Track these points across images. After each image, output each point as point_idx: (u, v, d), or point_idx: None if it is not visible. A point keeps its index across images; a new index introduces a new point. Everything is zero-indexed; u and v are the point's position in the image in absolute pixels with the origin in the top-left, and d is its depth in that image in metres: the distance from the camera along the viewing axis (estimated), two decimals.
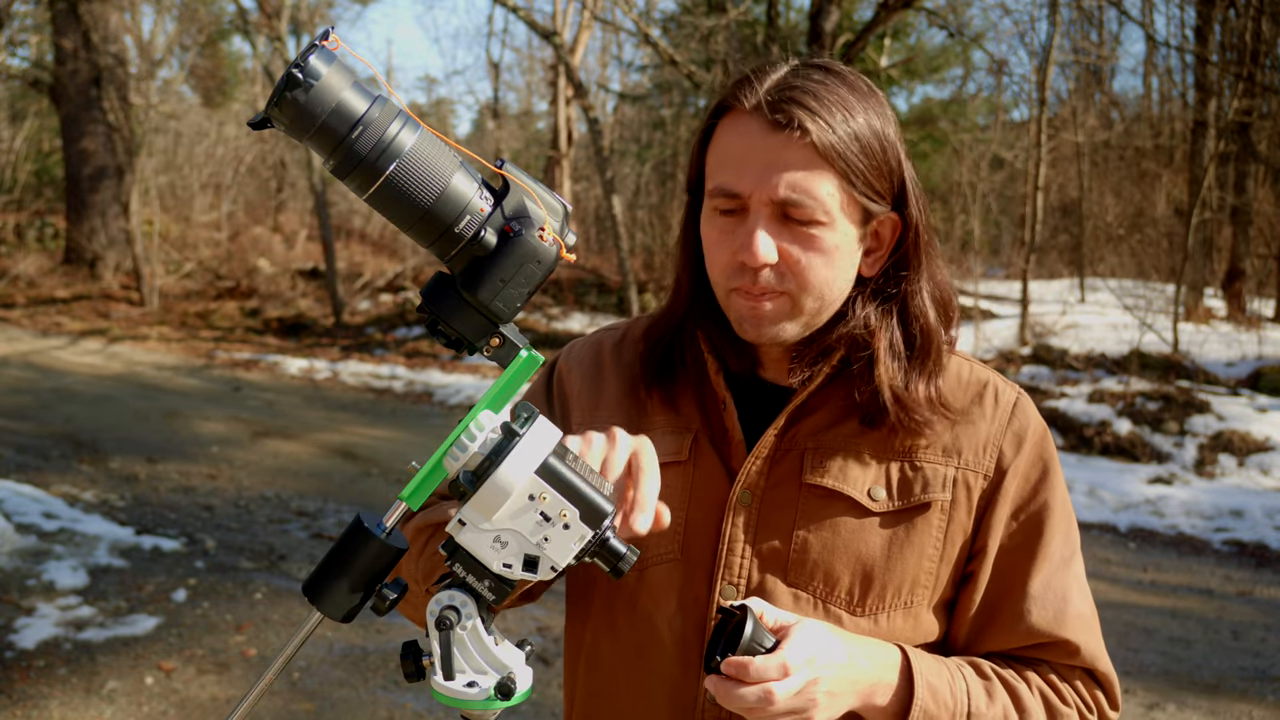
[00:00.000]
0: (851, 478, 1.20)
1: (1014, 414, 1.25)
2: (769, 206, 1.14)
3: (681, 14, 15.80)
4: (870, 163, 1.15)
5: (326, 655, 4.47)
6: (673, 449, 1.25)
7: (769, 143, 1.13)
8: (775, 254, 1.14)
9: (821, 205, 1.13)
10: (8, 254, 18.61)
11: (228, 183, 23.06)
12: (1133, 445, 8.95)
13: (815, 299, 1.17)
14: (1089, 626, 1.22)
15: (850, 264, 1.20)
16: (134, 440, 8.50)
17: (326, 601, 0.99)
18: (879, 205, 1.18)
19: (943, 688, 1.14)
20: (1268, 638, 5.32)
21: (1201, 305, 15.20)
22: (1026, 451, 1.23)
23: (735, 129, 1.17)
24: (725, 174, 1.16)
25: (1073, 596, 1.21)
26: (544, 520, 0.96)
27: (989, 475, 1.22)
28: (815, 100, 1.13)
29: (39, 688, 4.04)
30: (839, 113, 1.14)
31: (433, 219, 0.93)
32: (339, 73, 0.90)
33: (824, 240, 1.15)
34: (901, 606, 1.20)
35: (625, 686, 1.27)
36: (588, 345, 1.40)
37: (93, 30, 17.01)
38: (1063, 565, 1.22)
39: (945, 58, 17.34)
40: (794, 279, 1.16)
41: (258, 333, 15.90)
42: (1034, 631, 1.20)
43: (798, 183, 1.13)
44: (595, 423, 1.29)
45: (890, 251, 1.23)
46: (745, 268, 1.15)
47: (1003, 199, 20.53)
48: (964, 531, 1.21)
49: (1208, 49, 14.39)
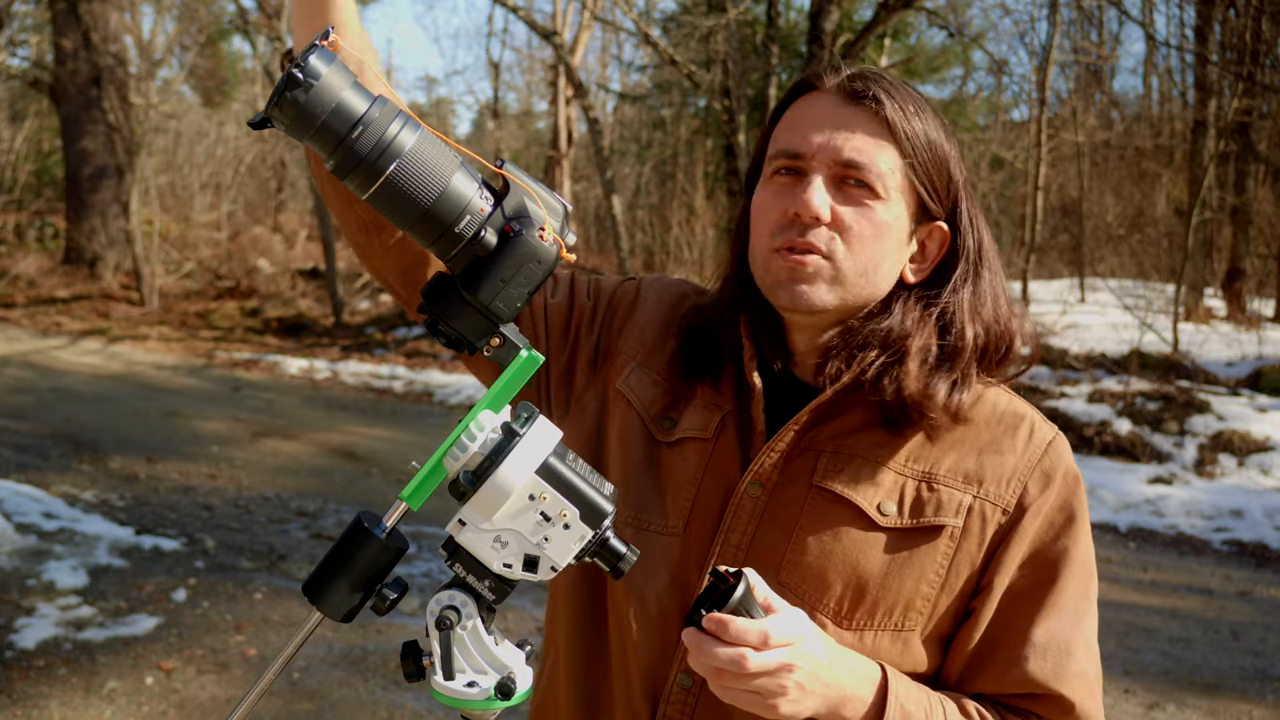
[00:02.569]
0: (864, 488, 1.17)
1: (1047, 452, 1.19)
2: (830, 168, 1.16)
3: (681, 14, 15.80)
4: (932, 157, 1.19)
5: (326, 655, 4.47)
6: (700, 424, 1.25)
7: (842, 111, 1.17)
8: (829, 212, 1.16)
9: (880, 175, 1.16)
10: (8, 254, 18.61)
11: (228, 183, 23.06)
12: (1133, 445, 8.95)
13: (858, 269, 1.17)
14: (1089, 687, 1.16)
15: (898, 251, 1.20)
16: (134, 440, 8.50)
17: (326, 601, 0.99)
18: (934, 205, 1.20)
19: (918, 715, 1.10)
20: (1268, 638, 5.32)
21: (1201, 305, 15.19)
22: (1054, 493, 1.18)
23: (810, 104, 1.20)
24: (791, 137, 1.19)
25: (1077, 652, 1.15)
26: (544, 520, 0.96)
27: (1009, 510, 1.17)
28: (892, 86, 1.19)
29: (39, 688, 4.04)
30: (912, 104, 1.18)
31: (433, 219, 0.93)
32: (339, 73, 0.90)
33: (877, 212, 1.16)
34: (891, 628, 1.16)
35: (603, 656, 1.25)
36: (673, 289, 1.38)
37: (93, 30, 17.01)
38: (1073, 619, 1.16)
39: (945, 58, 17.33)
40: (842, 241, 1.16)
41: (258, 333, 15.90)
42: (1029, 680, 1.14)
43: (861, 146, 1.16)
44: (644, 369, 1.30)
45: (935, 265, 1.23)
46: (795, 221, 1.16)
47: (1003, 199, 20.52)
48: (972, 564, 1.16)
49: (1208, 49, 14.39)
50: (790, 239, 1.16)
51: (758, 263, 1.21)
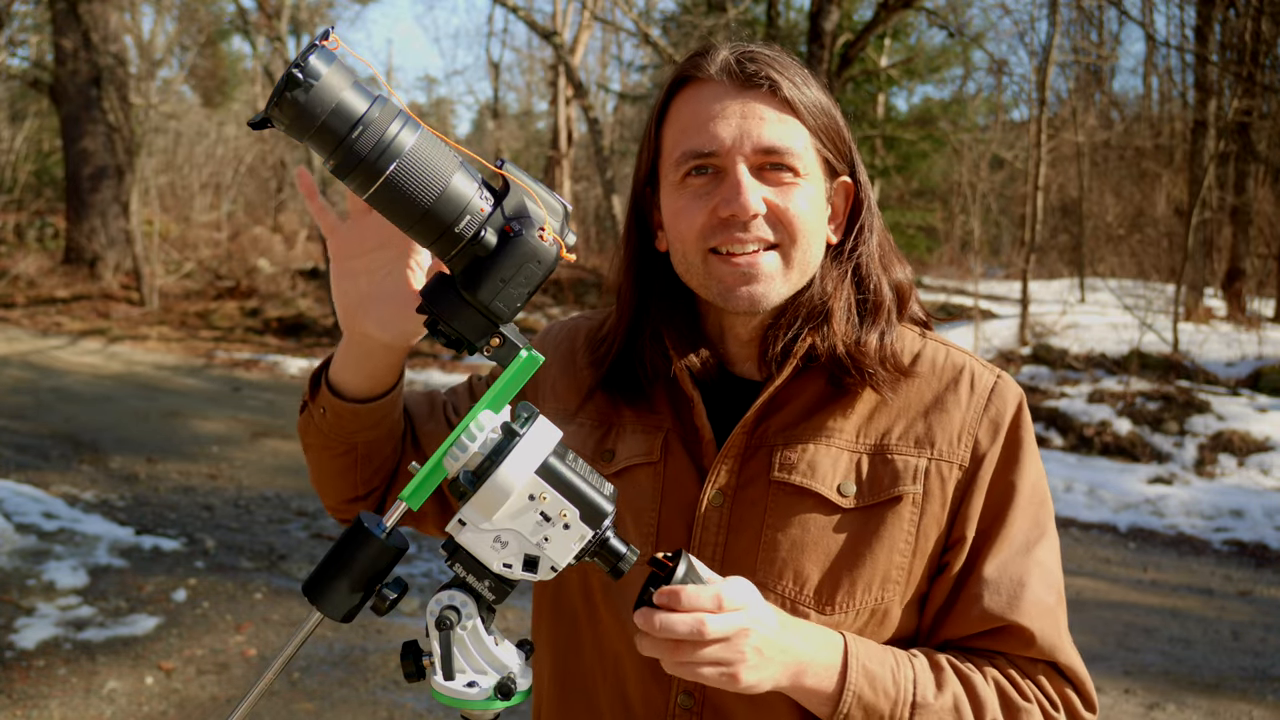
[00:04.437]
0: (821, 473, 1.17)
1: (990, 399, 1.21)
2: (749, 158, 1.15)
3: (681, 14, 15.80)
4: (829, 121, 1.19)
5: (326, 655, 4.47)
6: (643, 449, 1.24)
7: (741, 99, 1.16)
8: (763, 204, 1.15)
9: (798, 155, 1.16)
10: (8, 254, 18.60)
11: (228, 183, 23.07)
12: (1133, 445, 8.95)
13: (803, 250, 1.18)
14: (1048, 615, 1.15)
15: (823, 222, 1.21)
16: (134, 440, 8.50)
17: (326, 601, 0.99)
18: (839, 164, 1.21)
19: (883, 675, 1.09)
20: (1268, 638, 5.31)
21: (1201, 305, 15.20)
22: (1003, 437, 1.19)
23: (698, 97, 1.18)
24: (695, 138, 1.17)
25: (1031, 583, 1.15)
26: (544, 520, 0.96)
27: (964, 465, 1.18)
28: (778, 63, 1.18)
29: (39, 688, 4.04)
30: (798, 75, 1.18)
31: (433, 219, 0.93)
32: (339, 73, 0.90)
33: (804, 190, 1.17)
34: (872, 603, 1.16)
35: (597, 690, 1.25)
36: (564, 331, 1.38)
37: (93, 30, 17.00)
38: (1023, 550, 1.16)
39: (945, 58, 17.32)
40: (784, 228, 1.16)
41: (258, 333, 15.89)
42: (987, 616, 1.14)
43: (777, 131, 1.15)
44: (573, 418, 1.30)
45: (846, 218, 1.25)
46: (731, 223, 1.15)
47: (1003, 199, 20.53)
48: (938, 524, 1.17)
49: (1208, 49, 14.39)
50: (730, 241, 1.15)
51: (694, 270, 1.19)
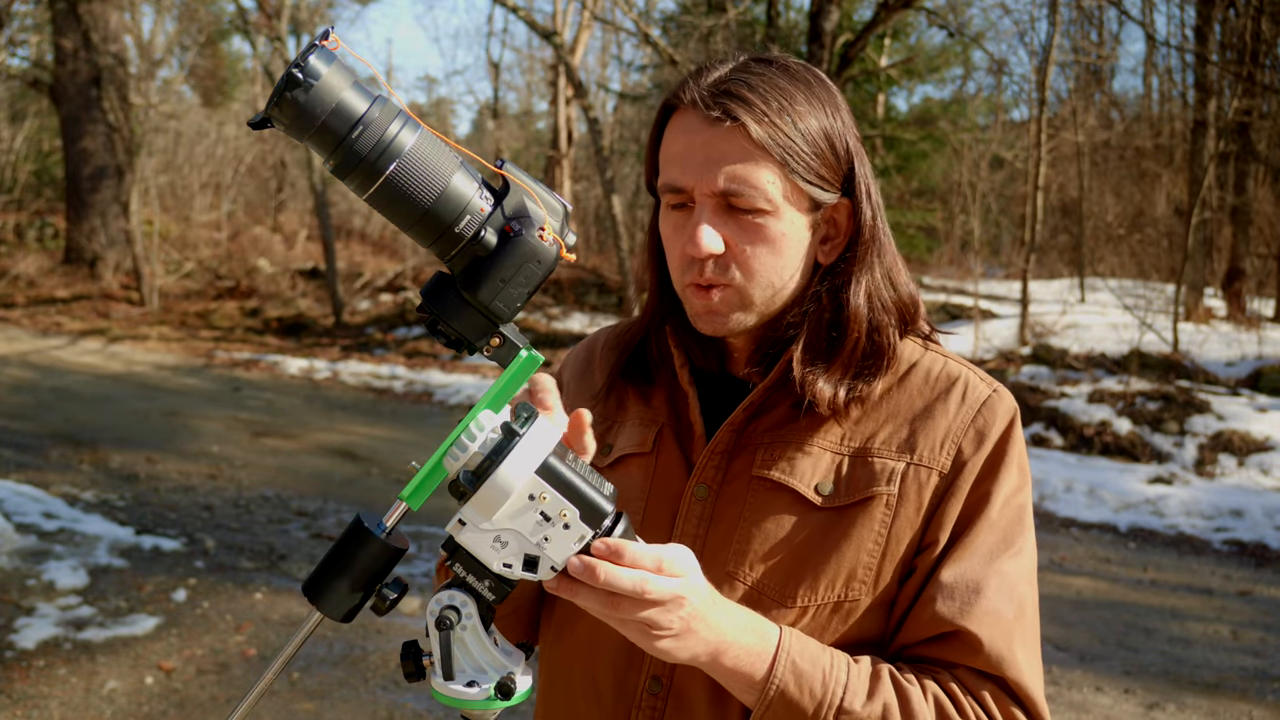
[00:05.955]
0: (800, 472, 1.19)
1: (981, 410, 1.20)
2: (712, 198, 1.15)
3: (681, 14, 15.80)
4: (813, 149, 1.16)
5: (326, 655, 4.47)
6: (637, 440, 1.28)
7: (706, 136, 1.15)
8: (720, 244, 1.15)
9: (763, 194, 1.14)
10: (8, 254, 18.61)
11: (228, 183, 23.07)
12: (1133, 445, 8.95)
13: (764, 288, 1.18)
14: (1000, 626, 1.12)
15: (800, 252, 1.20)
16: (134, 440, 8.50)
17: (326, 601, 0.99)
18: (827, 192, 1.19)
19: (813, 674, 1.07)
20: (1268, 638, 5.32)
21: (1201, 305, 15.20)
22: (988, 448, 1.18)
23: (678, 126, 1.19)
24: (671, 170, 1.18)
25: (989, 592, 1.13)
26: (544, 520, 0.96)
27: (944, 472, 1.17)
28: (751, 92, 1.14)
29: (39, 688, 4.04)
30: (775, 102, 1.14)
31: (433, 219, 0.93)
32: (339, 73, 0.90)
33: (769, 229, 1.16)
34: (834, 599, 1.16)
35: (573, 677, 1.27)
36: (585, 342, 1.45)
37: (93, 30, 17.01)
38: (986, 559, 1.14)
39: (945, 58, 17.32)
40: (739, 269, 1.17)
41: (258, 333, 15.90)
42: (937, 620, 1.12)
43: (736, 173, 1.14)
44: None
45: (848, 238, 1.23)
46: (694, 260, 1.17)
47: (1003, 199, 20.52)
48: (912, 528, 1.16)
49: (1208, 49, 14.39)
50: (694, 277, 1.18)
51: (677, 288, 1.23)
